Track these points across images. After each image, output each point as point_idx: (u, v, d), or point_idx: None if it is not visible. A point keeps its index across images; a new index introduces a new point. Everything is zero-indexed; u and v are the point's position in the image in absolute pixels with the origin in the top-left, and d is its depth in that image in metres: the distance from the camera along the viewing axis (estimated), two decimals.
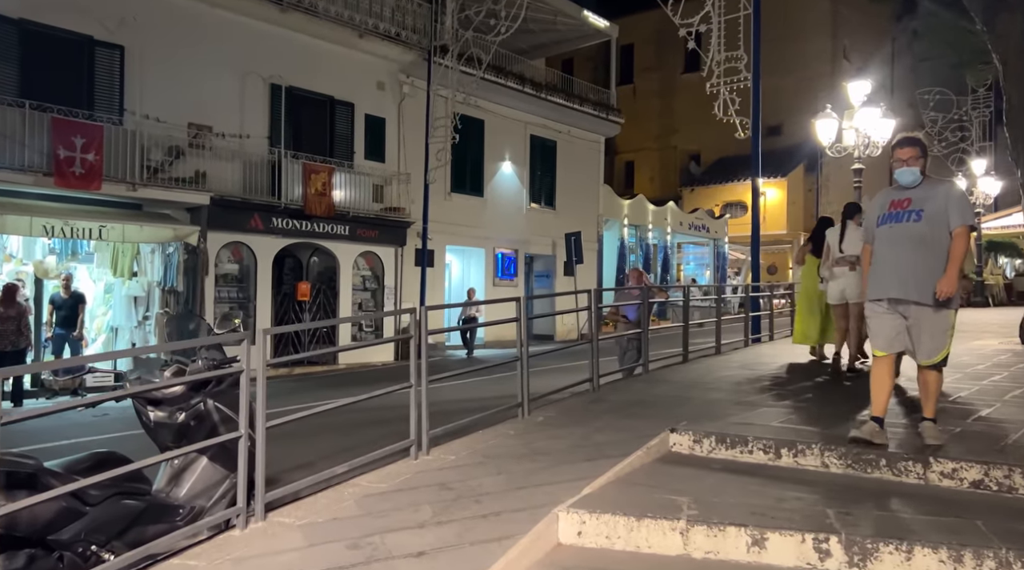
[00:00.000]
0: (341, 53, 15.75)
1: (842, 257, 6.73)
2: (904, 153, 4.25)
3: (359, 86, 16.16)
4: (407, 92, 17.34)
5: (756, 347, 10.72)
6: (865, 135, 12.84)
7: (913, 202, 4.20)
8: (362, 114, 16.16)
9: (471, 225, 19.08)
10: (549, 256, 21.90)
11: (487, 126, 19.61)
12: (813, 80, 33.54)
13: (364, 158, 16.16)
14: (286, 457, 5.25)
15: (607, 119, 23.18)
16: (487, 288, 19.74)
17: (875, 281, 4.29)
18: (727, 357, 9.27)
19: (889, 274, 4.18)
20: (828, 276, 6.95)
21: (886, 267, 4.21)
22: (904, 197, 4.25)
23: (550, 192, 21.91)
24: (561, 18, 21.65)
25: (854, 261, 6.53)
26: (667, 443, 4.73)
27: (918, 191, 4.23)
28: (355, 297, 15.89)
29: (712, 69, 12.34)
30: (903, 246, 4.15)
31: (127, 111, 12.42)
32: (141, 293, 12.51)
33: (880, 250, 4.28)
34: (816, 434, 4.52)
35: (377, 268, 16.26)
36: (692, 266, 32.73)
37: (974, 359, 8.15)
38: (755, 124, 11.78)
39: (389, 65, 16.74)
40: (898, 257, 4.16)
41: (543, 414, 5.74)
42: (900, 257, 4.15)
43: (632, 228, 25.80)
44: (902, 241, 4.16)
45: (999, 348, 9.41)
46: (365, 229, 15.65)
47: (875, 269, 4.30)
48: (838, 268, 6.78)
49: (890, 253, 4.20)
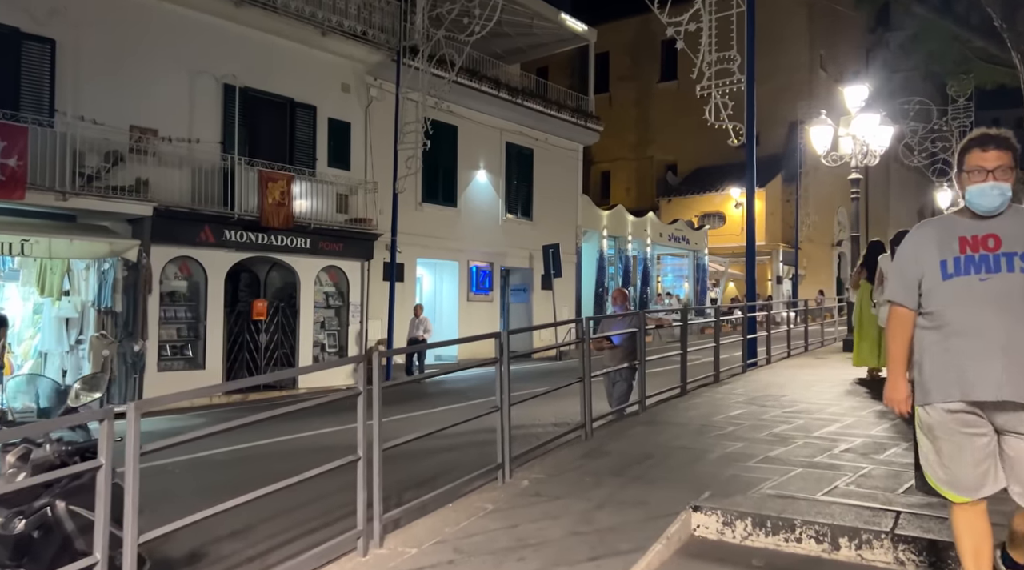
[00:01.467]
0: (302, 52, 14.61)
1: None
2: (989, 159, 2.59)
3: (322, 88, 15.03)
4: (375, 95, 16.25)
5: (755, 373, 9.80)
6: (863, 142, 12.06)
7: (1005, 241, 2.56)
8: (325, 118, 15.02)
9: (444, 237, 18.00)
10: (526, 269, 20.90)
11: (461, 133, 18.58)
12: (790, 90, 33.19)
13: (328, 165, 15.01)
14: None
15: (585, 126, 22.30)
16: (460, 303, 18.65)
17: (944, 371, 2.59)
18: (728, 387, 8.31)
19: (977, 360, 2.52)
20: (881, 301, 6.93)
21: (969, 347, 2.54)
22: (986, 232, 2.59)
23: (527, 202, 20.93)
24: (538, 21, 20.77)
25: None
26: (689, 526, 3.71)
27: (1006, 223, 2.59)
28: (317, 315, 14.68)
29: (702, 71, 11.47)
30: (1002, 312, 2.51)
31: (58, 112, 11.15)
32: (74, 314, 11.22)
33: (956, 318, 2.58)
34: (883, 515, 3.53)
35: (342, 284, 15.08)
36: (671, 278, 32.02)
37: None
38: (749, 129, 10.92)
39: (355, 66, 15.64)
40: (993, 330, 2.51)
41: (528, 475, 4.69)
42: (996, 330, 2.50)
43: (611, 239, 24.93)
44: (998, 303, 2.52)
45: None
46: (328, 242, 14.48)
47: (944, 352, 2.60)
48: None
49: (976, 322, 2.54)
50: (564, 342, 18.59)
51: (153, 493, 6.09)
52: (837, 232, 37.81)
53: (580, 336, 5.83)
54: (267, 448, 7.59)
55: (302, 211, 13.96)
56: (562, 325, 17.01)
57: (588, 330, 5.95)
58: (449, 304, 18.71)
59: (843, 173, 29.81)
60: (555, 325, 8.06)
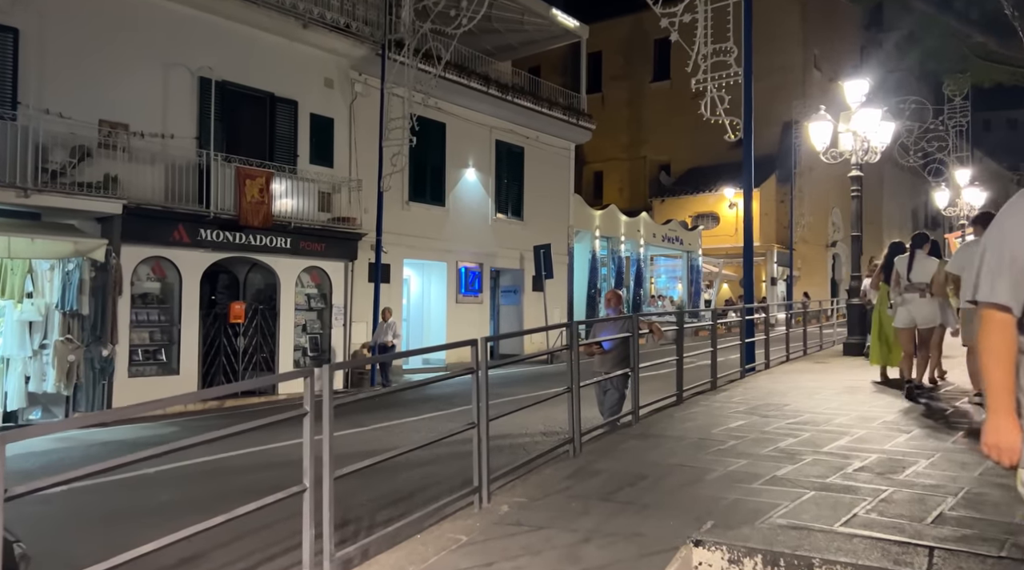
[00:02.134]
0: (283, 45, 14.08)
1: (911, 285, 7.14)
2: None
3: (304, 82, 14.49)
4: (359, 91, 15.74)
5: (754, 379, 9.34)
6: (864, 138, 11.62)
7: None
8: (307, 113, 14.48)
9: (431, 237, 17.49)
10: (517, 270, 20.40)
11: (449, 130, 18.08)
12: (784, 89, 32.86)
13: (309, 162, 14.46)
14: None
15: (577, 125, 21.83)
16: (449, 305, 18.13)
17: None
18: (726, 395, 7.84)
19: None
20: (898, 302, 7.30)
21: None
22: None
23: (517, 202, 20.44)
24: (529, 17, 20.30)
25: (924, 288, 7.05)
26: (690, 564, 3.22)
27: None
28: (298, 318, 14.14)
29: (697, 64, 11.01)
30: None
31: (21, 104, 10.58)
32: (37, 318, 10.65)
33: None
34: (914, 552, 3.05)
35: (324, 285, 14.54)
36: (664, 279, 31.58)
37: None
38: (747, 123, 10.46)
39: (338, 60, 15.11)
40: None
41: (509, 499, 4.19)
42: None
43: (604, 240, 24.46)
44: None
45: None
46: (310, 242, 13.94)
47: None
48: (908, 294, 7.17)
49: None
50: (553, 349, 18.10)
51: (89, 515, 5.63)
52: (832, 233, 37.48)
53: (569, 343, 5.34)
54: (228, 463, 7.08)
55: (282, 210, 13.44)
56: (551, 330, 16.57)
57: (576, 336, 5.46)
58: (437, 306, 18.20)
59: (837, 173, 29.47)
60: (543, 330, 7.57)
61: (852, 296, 11.96)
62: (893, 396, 7.33)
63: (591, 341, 7.00)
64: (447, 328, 17.87)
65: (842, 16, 38.77)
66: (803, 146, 31.89)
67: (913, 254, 7.15)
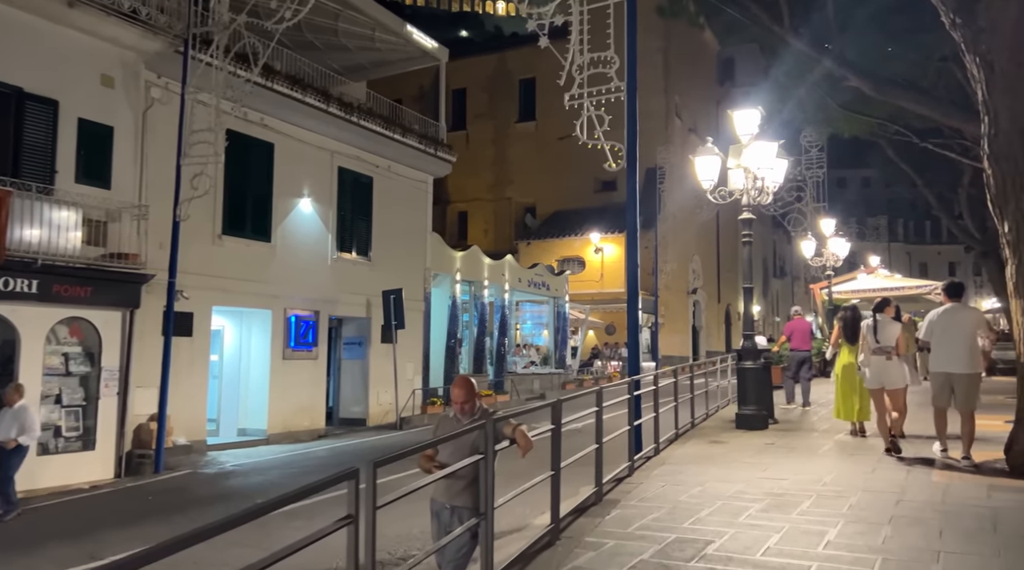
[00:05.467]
0: (40, 27, 10.74)
1: (879, 347, 7.56)
2: None
3: (70, 78, 11.14)
4: (157, 97, 12.54)
5: (647, 478, 7.11)
6: (756, 177, 10.08)
7: None
8: (73, 118, 11.08)
9: (252, 279, 14.32)
10: (363, 319, 17.54)
11: (278, 151, 15.14)
12: (647, 135, 32.49)
13: (75, 181, 11.05)
14: None
15: (436, 155, 19.55)
16: (274, 362, 14.90)
17: None
18: (619, 517, 5.49)
19: None
20: (865, 364, 7.71)
21: None
22: None
23: (365, 239, 17.69)
24: (381, 34, 17.97)
25: (889, 351, 7.52)
26: None
27: None
28: (49, 386, 10.52)
29: (572, 76, 9.00)
30: None
31: None
32: None
33: None
34: None
35: (90, 341, 11.02)
36: (530, 325, 29.73)
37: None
38: (631, 147, 8.50)
39: (123, 54, 11.87)
40: None
41: None
42: None
43: (466, 284, 22.13)
44: None
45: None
46: (69, 285, 10.46)
47: None
48: (875, 357, 7.58)
49: None
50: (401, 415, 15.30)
51: None
52: (692, 280, 37.55)
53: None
54: None
55: (27, 241, 9.95)
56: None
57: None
58: (258, 364, 14.90)
59: (697, 221, 28.83)
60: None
61: (744, 358, 10.25)
62: (831, 507, 5.30)
63: (434, 442, 4.35)
64: (270, 390, 14.64)
65: (699, 69, 39.75)
66: (666, 192, 31.69)
67: (876, 319, 7.69)
